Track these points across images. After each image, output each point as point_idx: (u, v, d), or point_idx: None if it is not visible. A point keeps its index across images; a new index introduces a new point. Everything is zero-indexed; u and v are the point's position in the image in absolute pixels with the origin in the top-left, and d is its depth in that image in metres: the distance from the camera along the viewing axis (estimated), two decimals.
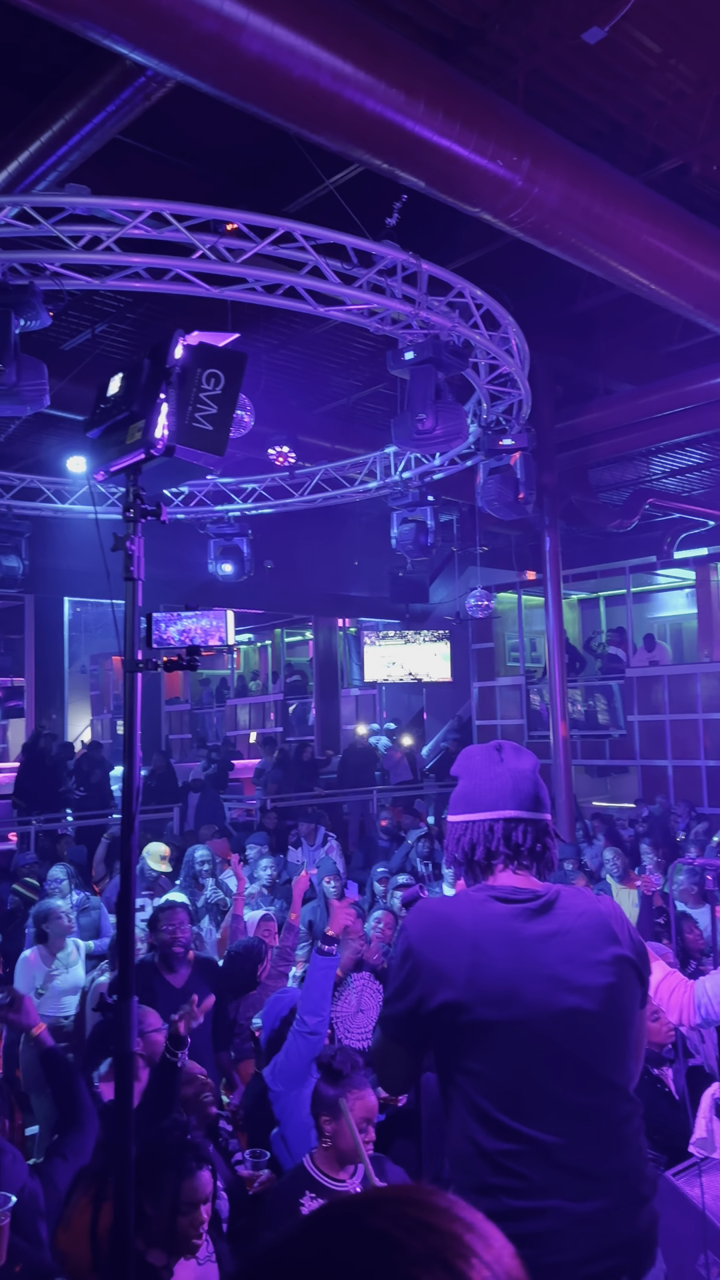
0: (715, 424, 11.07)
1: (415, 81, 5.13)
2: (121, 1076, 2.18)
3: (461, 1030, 1.79)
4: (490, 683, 17.51)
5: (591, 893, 2.01)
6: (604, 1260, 1.73)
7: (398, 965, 1.88)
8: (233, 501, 10.83)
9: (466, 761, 2.06)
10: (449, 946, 1.81)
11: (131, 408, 2.14)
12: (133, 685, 2.18)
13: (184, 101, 6.60)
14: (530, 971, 1.80)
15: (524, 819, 1.96)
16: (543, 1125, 1.75)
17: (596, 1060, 1.81)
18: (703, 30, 6.15)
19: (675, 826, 11.11)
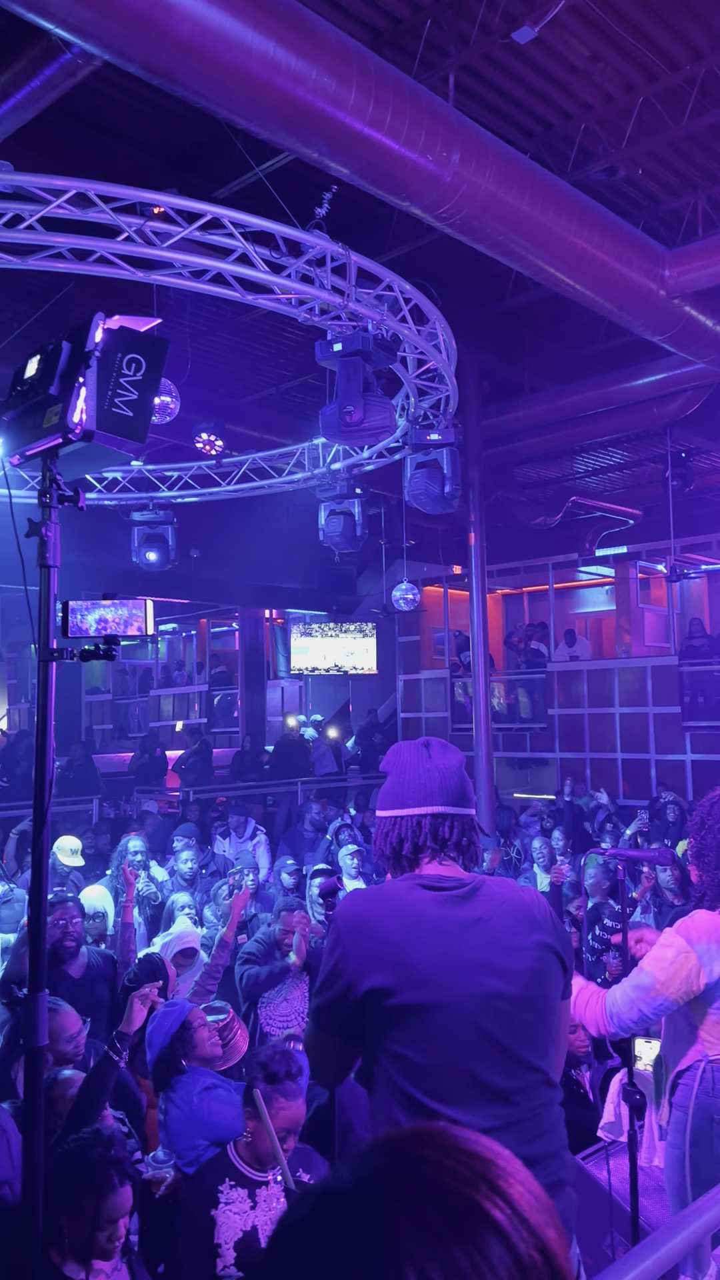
0: (636, 425, 11.31)
1: (347, 71, 5.11)
2: (32, 1072, 2.14)
3: (387, 1014, 1.81)
4: (415, 675, 17.64)
5: (515, 882, 2.06)
6: None
7: (327, 953, 1.89)
8: (158, 489, 10.68)
9: (395, 758, 2.08)
10: (376, 933, 1.84)
11: (49, 391, 2.09)
12: (47, 675, 2.14)
13: (113, 80, 6.48)
14: (454, 956, 1.83)
15: (450, 814, 1.99)
16: (465, 1108, 1.78)
17: (518, 1044, 1.84)
18: (630, 36, 6.26)
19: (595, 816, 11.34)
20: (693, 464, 13.36)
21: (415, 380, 7.96)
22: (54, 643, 2.16)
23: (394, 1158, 0.71)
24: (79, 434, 2.08)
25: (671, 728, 14.22)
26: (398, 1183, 0.68)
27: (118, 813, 12.14)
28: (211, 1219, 2.78)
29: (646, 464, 14.64)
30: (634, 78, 6.73)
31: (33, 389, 2.16)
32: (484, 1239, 0.65)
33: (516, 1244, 0.65)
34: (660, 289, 7.21)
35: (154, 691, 21.23)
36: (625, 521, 15.92)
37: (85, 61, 5.45)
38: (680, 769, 14.01)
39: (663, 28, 6.24)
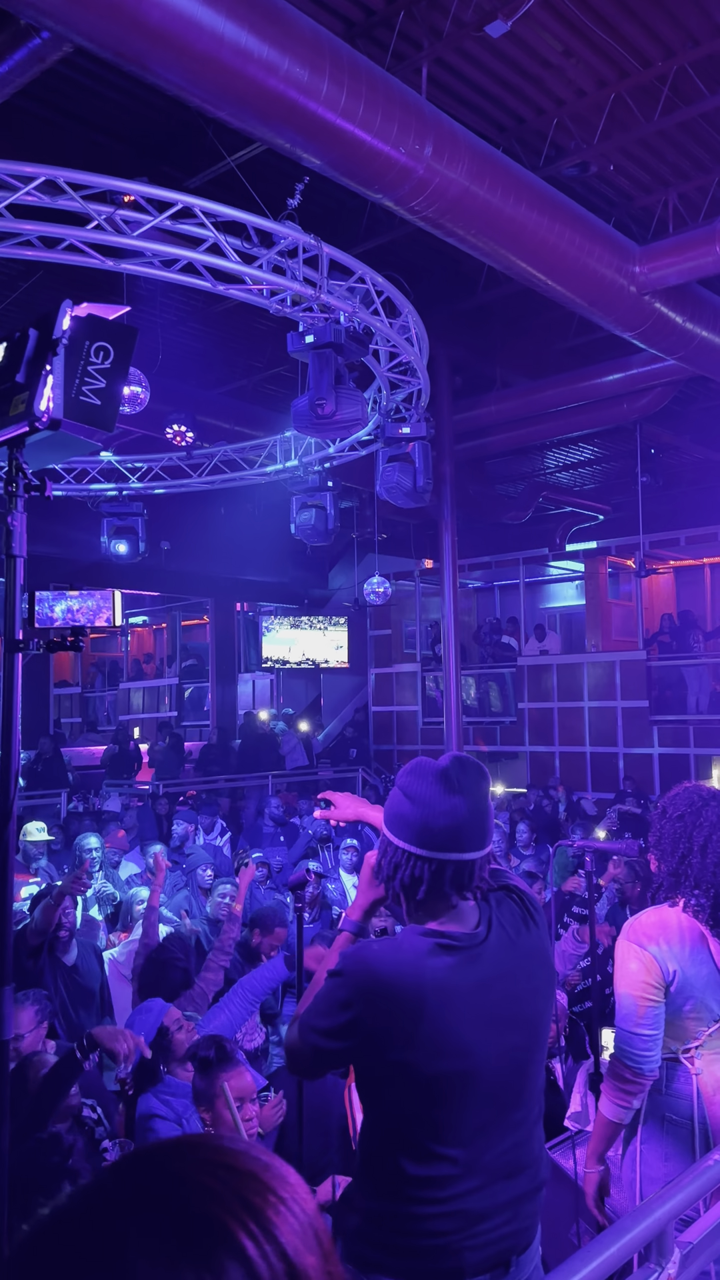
0: (605, 421, 11.37)
1: (319, 62, 5.08)
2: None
3: (405, 1082, 1.76)
4: (387, 669, 17.67)
5: (520, 906, 1.95)
6: (500, 1244, 1.82)
7: (334, 1006, 1.80)
8: (128, 480, 10.60)
9: (417, 782, 1.86)
10: (398, 1007, 1.75)
11: (15, 379, 2.06)
12: (12, 666, 2.12)
13: (84, 67, 6.42)
14: (479, 1021, 1.78)
15: (474, 860, 1.83)
16: (472, 1146, 1.79)
17: (529, 1080, 1.87)
18: (603, 32, 6.28)
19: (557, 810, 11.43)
20: (662, 460, 13.47)
21: (387, 373, 7.95)
22: (19, 633, 2.14)
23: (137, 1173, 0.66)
24: (46, 422, 2.05)
25: (639, 722, 14.35)
26: (136, 1201, 0.63)
27: (86, 807, 12.06)
28: None
29: (616, 460, 14.74)
30: (606, 74, 6.75)
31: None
32: (222, 1265, 0.60)
33: (260, 1272, 0.61)
34: (631, 285, 7.25)
35: (124, 684, 21.09)
36: (595, 517, 16.03)
37: (55, 47, 5.39)
38: (648, 762, 14.14)
39: (635, 24, 6.27)
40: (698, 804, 2.68)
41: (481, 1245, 1.79)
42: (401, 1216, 1.78)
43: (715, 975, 2.55)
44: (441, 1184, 1.77)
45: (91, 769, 14.40)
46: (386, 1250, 1.80)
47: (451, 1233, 1.77)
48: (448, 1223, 1.77)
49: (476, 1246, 1.79)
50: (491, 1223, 1.80)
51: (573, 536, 16.33)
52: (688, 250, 7.14)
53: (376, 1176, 1.83)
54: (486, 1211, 1.80)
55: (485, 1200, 1.80)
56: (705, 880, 2.58)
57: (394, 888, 1.87)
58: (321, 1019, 1.82)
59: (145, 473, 10.69)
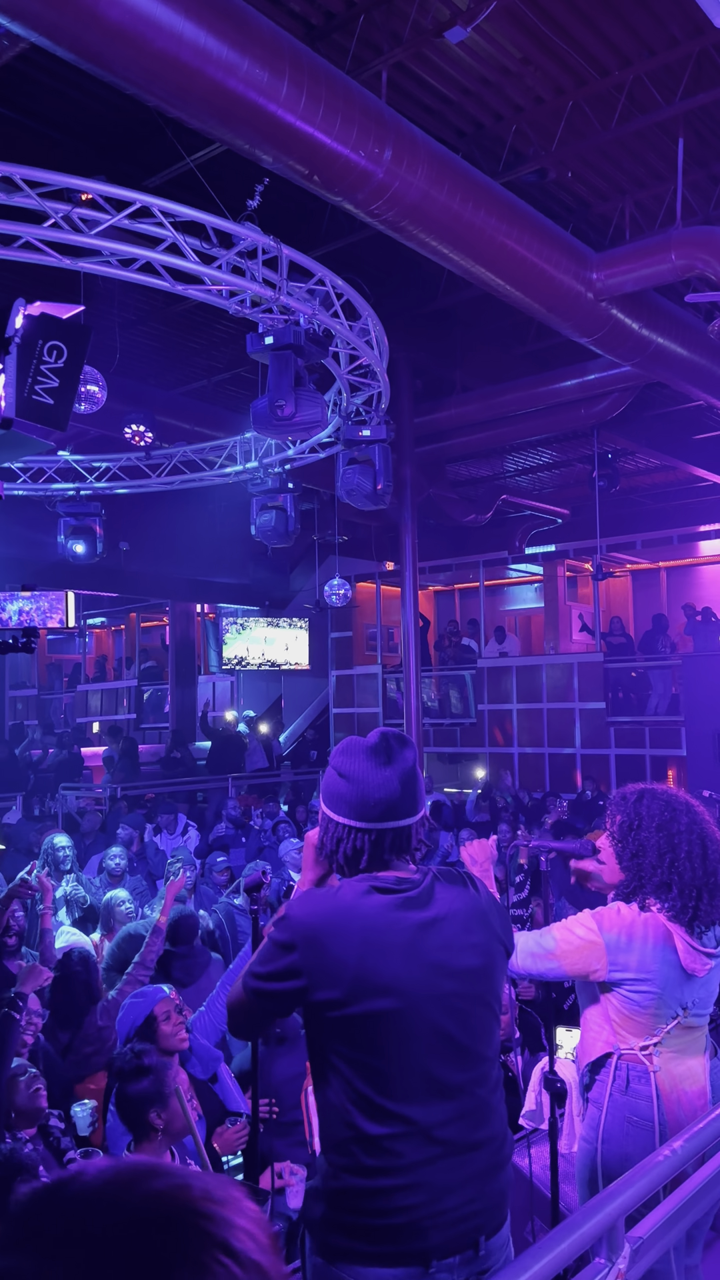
0: (564, 426, 11.49)
1: (279, 64, 5.08)
2: None
3: (345, 1023, 1.82)
4: (348, 671, 17.67)
5: (459, 873, 2.03)
6: (466, 1223, 1.84)
7: (275, 949, 1.87)
8: (85, 479, 10.51)
9: (350, 761, 1.97)
10: (333, 946, 1.82)
11: None
12: None
13: (41, 64, 6.36)
14: (412, 961, 1.84)
15: (410, 825, 1.96)
16: (422, 1106, 1.82)
17: (472, 1038, 1.89)
18: (560, 40, 6.34)
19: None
20: (618, 465, 13.63)
21: (347, 376, 7.96)
22: None
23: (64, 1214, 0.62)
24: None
25: (597, 723, 14.49)
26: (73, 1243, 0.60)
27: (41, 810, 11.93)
28: None
29: (575, 464, 14.88)
30: (564, 81, 6.82)
31: None
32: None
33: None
34: (588, 291, 7.33)
35: (82, 686, 20.88)
36: (554, 520, 16.17)
37: (11, 43, 5.34)
38: (605, 763, 14.29)
39: (593, 33, 6.34)
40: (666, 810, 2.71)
41: (448, 1224, 1.82)
42: (364, 1193, 1.80)
43: (679, 974, 2.59)
44: (397, 1148, 1.80)
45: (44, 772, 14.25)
46: (353, 1234, 1.81)
47: (416, 1207, 1.79)
48: (411, 1196, 1.79)
49: (443, 1225, 1.81)
50: (456, 1199, 1.83)
51: (532, 540, 16.47)
52: (643, 257, 7.23)
53: (334, 1149, 1.85)
54: (449, 1186, 1.82)
55: (446, 1173, 1.82)
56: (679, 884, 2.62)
57: (337, 860, 1.97)
58: (264, 965, 1.88)
59: (104, 473, 10.61)
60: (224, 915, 6.09)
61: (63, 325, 2.07)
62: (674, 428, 13.14)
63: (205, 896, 6.89)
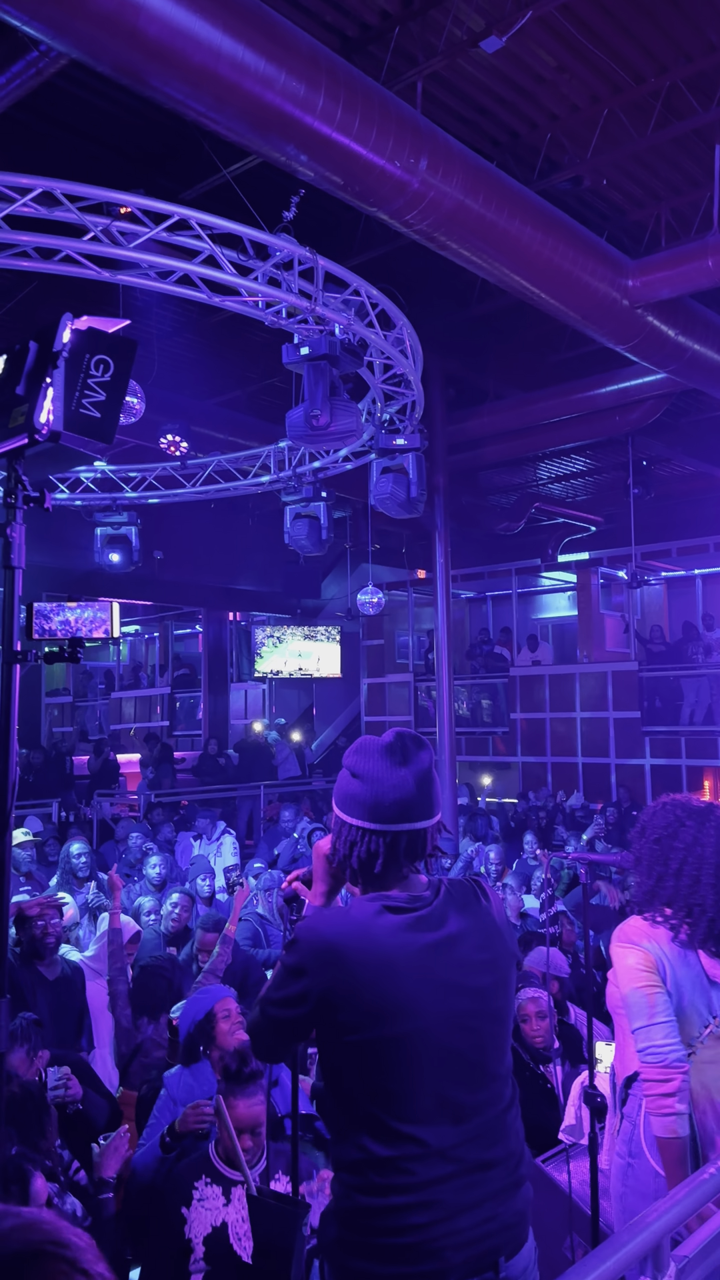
0: (598, 433, 11.43)
1: (316, 76, 5.12)
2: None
3: (357, 1046, 1.78)
4: (380, 679, 17.67)
5: (471, 885, 1.98)
6: (483, 1243, 1.79)
7: (287, 975, 1.84)
8: (121, 490, 10.61)
9: (364, 760, 1.91)
10: (346, 970, 1.78)
11: (15, 391, 2.07)
12: (10, 677, 2.12)
13: (80, 79, 6.45)
14: (425, 982, 1.80)
15: (425, 828, 1.90)
16: (435, 1126, 1.78)
17: (484, 1056, 1.85)
18: (596, 49, 6.33)
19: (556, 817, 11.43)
20: (654, 472, 13.53)
21: (382, 385, 7.98)
22: (17, 644, 2.14)
23: None
24: (46, 435, 2.06)
25: (631, 732, 14.37)
26: None
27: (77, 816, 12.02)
28: (183, 1216, 2.76)
29: (609, 472, 14.80)
30: (599, 89, 6.81)
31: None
32: None
33: None
34: (623, 299, 7.30)
35: (116, 694, 21.04)
36: (587, 528, 16.08)
37: (52, 60, 5.42)
38: (639, 773, 14.16)
39: (628, 41, 6.33)
40: (674, 824, 2.68)
41: (464, 1244, 1.77)
42: (377, 1211, 1.77)
43: (702, 978, 2.56)
44: (409, 1168, 1.76)
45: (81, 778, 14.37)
46: (367, 1254, 1.77)
47: (429, 1226, 1.75)
48: (424, 1214, 1.75)
49: (458, 1245, 1.76)
50: (471, 1218, 1.78)
51: (565, 547, 16.38)
52: (680, 264, 7.20)
53: (347, 1170, 1.82)
54: (463, 1205, 1.78)
55: (460, 1192, 1.78)
56: (679, 900, 2.60)
57: (351, 864, 1.90)
58: (277, 990, 1.86)
59: (139, 482, 10.70)
60: (257, 925, 6.04)
61: (109, 339, 2.09)
62: (711, 434, 13.03)
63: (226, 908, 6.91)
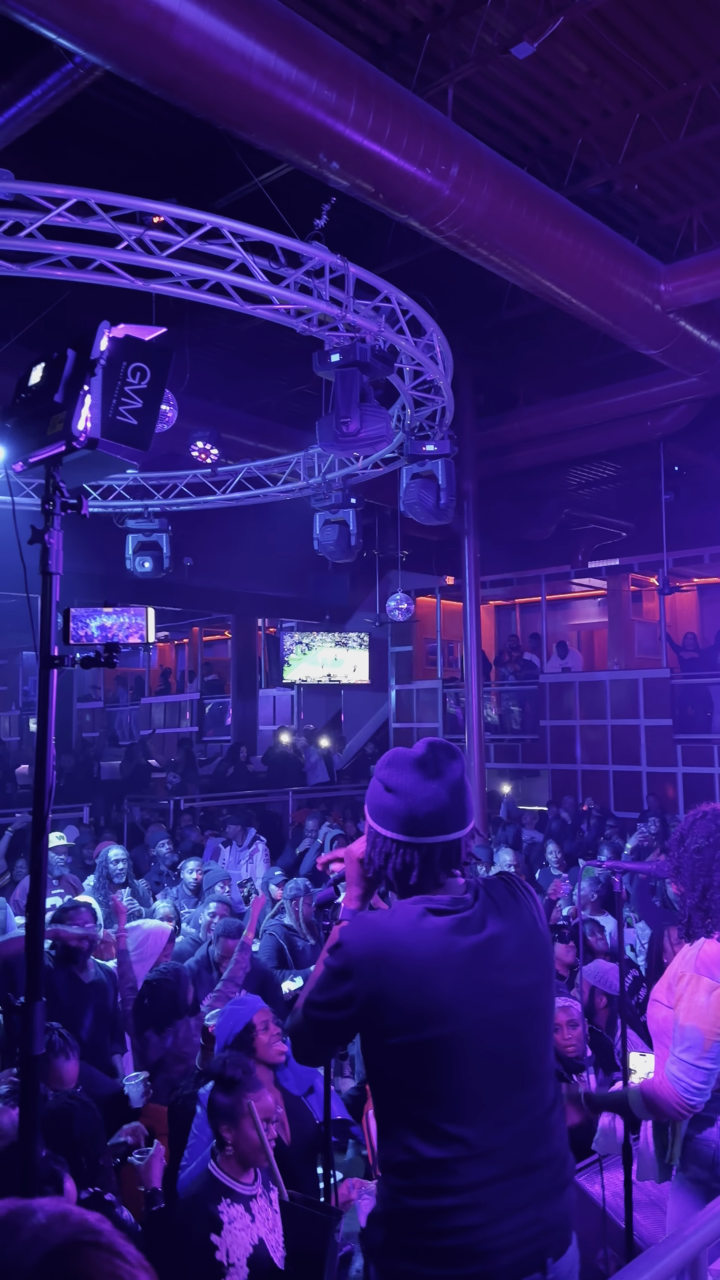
0: (629, 438, 11.35)
1: (347, 84, 5.14)
2: (28, 1080, 2.13)
3: (403, 1049, 1.79)
4: (408, 686, 17.64)
5: (508, 885, 1.99)
6: (529, 1245, 1.80)
7: (332, 978, 1.84)
8: (152, 496, 10.68)
9: (396, 774, 1.92)
10: (391, 972, 1.79)
11: (53, 398, 2.09)
12: (48, 682, 2.13)
13: (113, 90, 6.51)
14: (469, 984, 1.81)
15: (459, 839, 1.91)
16: (482, 1127, 1.79)
17: (528, 1057, 1.87)
18: (628, 53, 6.31)
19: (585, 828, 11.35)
20: (685, 478, 13.42)
21: (412, 391, 7.98)
22: (55, 650, 2.16)
23: None
24: (83, 442, 2.08)
25: (663, 740, 14.24)
26: None
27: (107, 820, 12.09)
28: (213, 1244, 2.73)
29: (640, 477, 14.69)
30: (631, 94, 6.78)
31: (37, 396, 2.16)
32: None
33: None
34: (655, 304, 7.26)
35: (145, 700, 21.17)
36: (618, 534, 15.98)
37: (87, 71, 5.48)
38: (671, 781, 14.02)
39: (660, 45, 6.30)
40: (716, 832, 2.64)
41: (511, 1246, 1.78)
42: (425, 1213, 1.78)
43: None
44: (456, 1169, 1.77)
45: (114, 783, 14.46)
46: (416, 1257, 1.78)
47: (477, 1228, 1.76)
48: (471, 1216, 1.77)
49: (506, 1248, 1.77)
50: (517, 1220, 1.79)
51: (595, 553, 16.28)
52: (712, 268, 7.15)
53: (394, 1173, 1.83)
54: (510, 1207, 1.79)
55: (506, 1194, 1.80)
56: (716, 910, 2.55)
57: (386, 876, 1.92)
58: (321, 993, 1.86)
59: (170, 489, 10.77)
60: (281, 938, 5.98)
61: (146, 347, 2.11)
62: None
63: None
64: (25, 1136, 2.13)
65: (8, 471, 2.25)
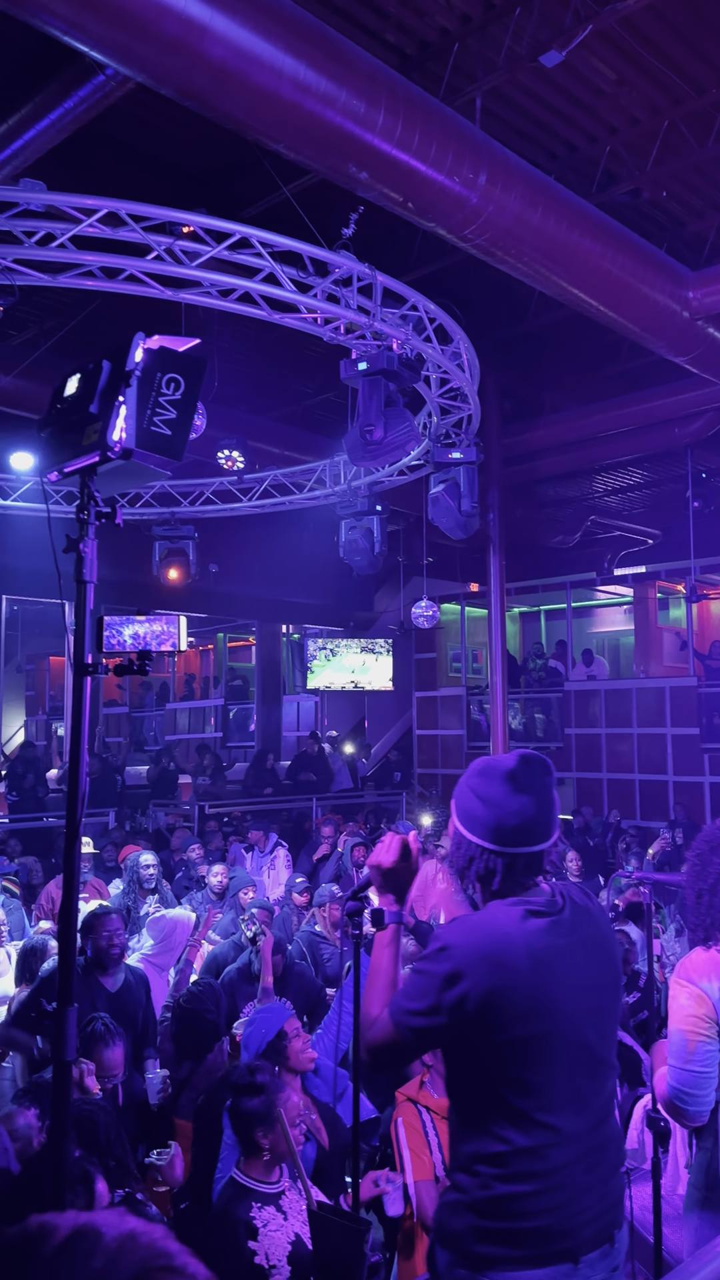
0: (656, 445, 11.30)
1: (376, 93, 5.16)
2: (59, 1086, 2.14)
3: (510, 1044, 1.86)
4: (431, 693, 17.61)
5: (581, 891, 2.10)
6: (601, 1220, 1.92)
7: (440, 983, 1.87)
8: (179, 504, 10.74)
9: (488, 784, 1.99)
10: (504, 971, 1.86)
11: (89, 409, 2.12)
12: (82, 689, 2.15)
13: (143, 102, 6.57)
14: (568, 981, 1.91)
15: (545, 850, 1.99)
16: (568, 1115, 1.90)
17: (606, 1048, 1.99)
18: (656, 61, 6.30)
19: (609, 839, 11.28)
20: (714, 484, 13.33)
21: (438, 399, 7.99)
22: (89, 657, 2.18)
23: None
24: (118, 452, 2.10)
25: (690, 749, 14.13)
26: None
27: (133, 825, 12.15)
28: (251, 1250, 2.74)
29: (667, 484, 14.62)
30: (659, 101, 6.77)
31: (72, 407, 2.19)
32: None
33: None
34: (683, 310, 7.23)
35: (170, 705, 21.25)
36: (644, 541, 15.90)
37: (118, 84, 5.53)
38: (698, 791, 13.91)
39: (689, 52, 6.28)
40: (714, 844, 2.63)
41: (587, 1222, 1.89)
42: (512, 1198, 1.86)
43: None
44: (546, 1154, 1.86)
45: (138, 788, 14.52)
46: (502, 1240, 1.87)
47: (560, 1208, 1.86)
48: (555, 1197, 1.86)
49: (584, 1223, 1.88)
50: (592, 1197, 1.90)
51: (621, 561, 16.20)
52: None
53: (486, 1161, 1.90)
54: (586, 1186, 1.90)
55: (584, 1174, 1.90)
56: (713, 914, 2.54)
57: (469, 878, 2.02)
58: (423, 999, 1.89)
59: (197, 496, 10.83)
60: (305, 944, 6.00)
61: (179, 358, 2.13)
62: None
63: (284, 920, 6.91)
64: (55, 1141, 2.15)
65: (43, 480, 2.28)
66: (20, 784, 12.08)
